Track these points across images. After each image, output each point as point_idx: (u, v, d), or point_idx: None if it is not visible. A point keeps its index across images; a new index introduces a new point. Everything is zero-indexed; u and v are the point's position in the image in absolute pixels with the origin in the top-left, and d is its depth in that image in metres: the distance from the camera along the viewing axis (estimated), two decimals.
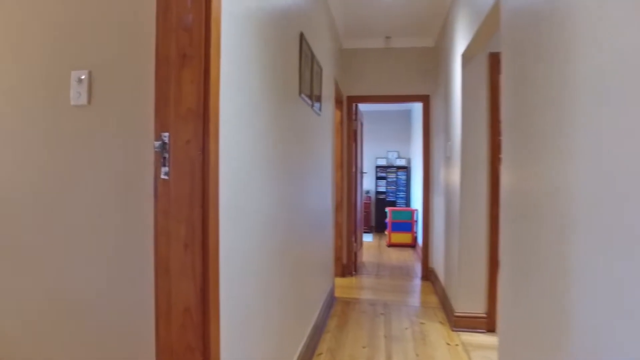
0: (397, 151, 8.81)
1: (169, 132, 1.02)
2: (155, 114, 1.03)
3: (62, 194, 1.24)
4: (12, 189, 1.30)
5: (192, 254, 1.01)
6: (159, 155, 1.03)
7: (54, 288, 1.25)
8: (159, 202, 1.02)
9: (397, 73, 4.71)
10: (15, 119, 1.29)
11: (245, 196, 1.32)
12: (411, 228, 6.82)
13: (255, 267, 1.44)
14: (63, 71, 1.23)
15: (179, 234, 1.01)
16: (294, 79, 2.11)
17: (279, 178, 1.78)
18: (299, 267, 2.25)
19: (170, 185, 1.02)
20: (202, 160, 1.00)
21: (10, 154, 1.30)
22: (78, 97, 1.21)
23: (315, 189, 2.87)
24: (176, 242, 1.02)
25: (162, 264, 1.02)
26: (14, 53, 1.28)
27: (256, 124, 1.44)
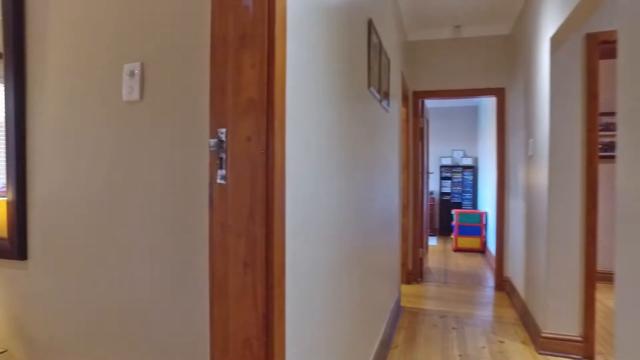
0: (462, 150, 8.28)
1: (226, 127, 0.86)
2: (211, 106, 0.87)
3: (112, 201, 1.13)
4: (63, 193, 1.22)
5: (253, 274, 0.84)
6: (215, 156, 0.87)
7: (99, 298, 1.15)
8: (214, 211, 0.86)
9: (467, 65, 4.32)
10: (69, 120, 1.20)
11: (314, 203, 1.14)
12: (480, 232, 6.33)
13: (322, 282, 1.25)
14: (116, 65, 1.12)
15: (237, 250, 0.84)
16: (362, 70, 1.90)
17: (348, 180, 1.58)
18: (367, 277, 2.04)
19: (228, 191, 0.85)
20: (265, 161, 0.83)
21: (63, 155, 1.22)
22: (130, 93, 1.09)
23: (384, 191, 2.64)
24: (234, 259, 0.85)
25: (218, 286, 0.85)
26: (71, 48, 1.20)
27: (324, 119, 1.25)
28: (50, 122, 1.25)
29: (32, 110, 1.28)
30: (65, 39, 1.21)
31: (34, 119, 1.28)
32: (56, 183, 1.25)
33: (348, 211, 1.60)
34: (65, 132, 1.22)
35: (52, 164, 1.25)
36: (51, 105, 1.25)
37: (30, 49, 1.27)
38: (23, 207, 1.29)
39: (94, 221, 1.17)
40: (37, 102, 1.27)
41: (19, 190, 1.28)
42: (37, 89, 1.27)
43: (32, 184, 1.29)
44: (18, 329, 1.33)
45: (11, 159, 1.28)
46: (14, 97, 1.27)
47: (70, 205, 1.22)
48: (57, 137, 1.24)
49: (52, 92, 1.24)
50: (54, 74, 1.24)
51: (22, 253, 1.29)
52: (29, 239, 1.30)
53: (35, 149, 1.28)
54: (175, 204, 1.04)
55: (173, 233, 1.04)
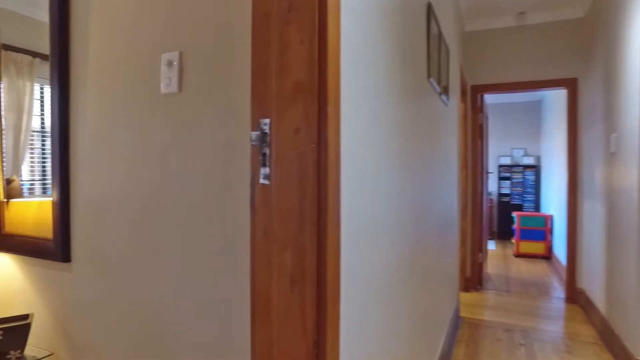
0: (523, 148, 7.71)
1: (270, 117, 0.72)
2: (252, 92, 0.74)
3: (151, 203, 1.04)
4: (103, 194, 1.16)
5: (301, 293, 0.70)
6: (257, 151, 0.74)
7: (140, 304, 1.07)
8: (256, 216, 0.73)
9: (533, 55, 3.95)
10: (109, 119, 1.14)
11: (372, 207, 0.98)
12: (545, 237, 5.82)
13: (380, 298, 1.09)
14: (155, 56, 1.03)
15: (283, 263, 0.71)
16: (421, 59, 1.71)
17: (407, 181, 1.40)
18: (426, 286, 1.84)
19: (272, 193, 0.72)
20: (316, 157, 0.68)
21: (103, 155, 1.16)
22: (168, 84, 0.99)
23: (443, 192, 2.42)
24: (280, 275, 0.71)
25: (261, 305, 0.72)
26: (111, 44, 1.13)
27: (383, 111, 1.09)
28: (91, 122, 1.20)
29: (75, 110, 1.24)
30: (106, 35, 1.14)
31: (76, 119, 1.23)
32: (96, 184, 1.18)
33: (407, 215, 1.42)
34: (105, 131, 1.15)
35: (92, 164, 1.19)
36: (92, 104, 1.19)
37: (74, 50, 1.23)
38: (66, 208, 1.25)
39: (132, 223, 1.09)
40: (80, 102, 1.22)
41: (62, 191, 1.24)
42: (80, 89, 1.22)
43: (75, 185, 1.24)
44: (63, 332, 1.29)
45: (56, 159, 1.24)
46: (58, 99, 1.23)
47: (109, 206, 1.15)
48: (98, 136, 1.18)
49: (93, 91, 1.18)
50: (95, 72, 1.18)
51: (65, 255, 1.25)
52: (72, 241, 1.25)
53: (77, 149, 1.23)
54: (215, 206, 0.92)
55: (212, 238, 0.93)
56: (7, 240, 1.42)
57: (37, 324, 1.36)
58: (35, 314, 1.36)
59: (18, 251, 1.37)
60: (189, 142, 0.97)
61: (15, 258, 1.43)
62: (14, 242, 1.39)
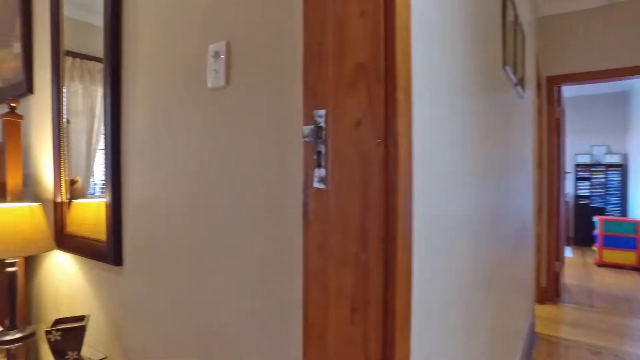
0: (606, 145, 6.94)
1: (325, 108, 0.60)
2: (305, 79, 0.62)
3: (197, 207, 0.96)
4: (150, 197, 1.11)
5: (364, 323, 0.56)
6: (311, 149, 0.61)
7: (189, 311, 0.99)
8: (309, 227, 0.61)
9: (622, 39, 3.47)
10: (155, 118, 1.08)
11: (447, 216, 0.82)
12: (635, 245, 5.16)
13: (455, 322, 0.92)
14: (201, 49, 0.95)
15: (342, 285, 0.58)
16: (495, 45, 1.50)
17: (483, 184, 1.22)
18: (502, 302, 1.62)
19: (329, 199, 0.59)
20: (383, 155, 0.55)
21: (150, 156, 1.10)
22: (215, 77, 0.91)
23: (517, 194, 2.16)
24: (338, 299, 0.58)
25: (315, 336, 0.60)
26: (159, 39, 1.07)
27: (458, 103, 0.92)
28: (140, 123, 1.15)
29: (126, 111, 1.20)
30: (153, 31, 1.09)
31: (127, 121, 1.20)
32: (144, 186, 1.14)
33: (483, 224, 1.23)
34: (152, 131, 1.10)
35: (140, 165, 1.15)
36: (141, 104, 1.14)
37: (126, 52, 1.19)
38: (118, 211, 1.22)
39: (180, 228, 1.02)
40: (130, 103, 1.18)
41: (114, 192, 1.21)
42: (130, 91, 1.18)
43: (126, 187, 1.21)
44: (117, 335, 1.27)
45: (108, 160, 1.21)
46: (111, 102, 1.20)
47: (157, 209, 1.09)
48: (146, 137, 1.13)
49: (141, 91, 1.14)
50: (143, 72, 1.13)
51: (117, 259, 1.22)
52: (123, 244, 1.22)
53: (128, 150, 1.20)
54: (265, 211, 0.82)
55: (262, 246, 0.82)
56: (68, 241, 1.43)
57: (93, 326, 1.36)
58: (91, 315, 1.36)
59: (77, 252, 1.38)
60: (237, 140, 0.88)
61: (75, 258, 1.44)
62: (74, 243, 1.40)
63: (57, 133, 1.45)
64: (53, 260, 1.56)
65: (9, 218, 1.26)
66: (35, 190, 1.65)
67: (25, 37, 1.66)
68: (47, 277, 1.60)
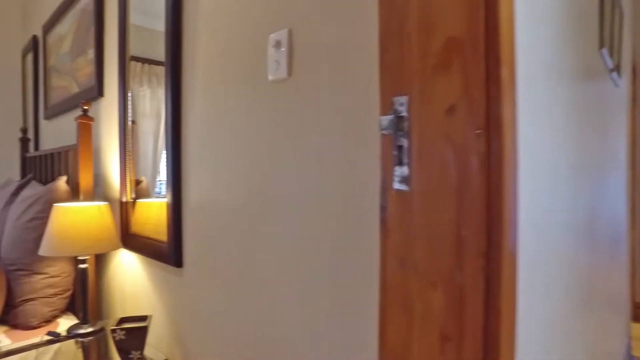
0: None
1: (408, 93, 0.50)
2: (381, 61, 0.53)
3: (259, 209, 0.90)
4: (210, 198, 1.07)
5: (457, 356, 0.46)
6: (389, 144, 0.52)
7: (248, 319, 0.93)
8: (388, 237, 0.51)
9: None
10: (214, 116, 1.04)
11: (549, 222, 0.68)
12: None
13: (552, 347, 0.78)
14: (260, 38, 0.89)
15: (430, 309, 0.47)
16: (592, 23, 1.30)
17: (581, 183, 1.04)
18: (599, 318, 1.41)
19: (413, 203, 0.49)
20: (484, 148, 0.44)
21: (210, 156, 1.06)
22: (276, 69, 0.84)
23: (612, 195, 1.90)
24: (424, 326, 0.48)
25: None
26: (217, 33, 1.03)
27: (559, 83, 0.78)
28: (199, 122, 1.12)
29: (186, 112, 1.18)
30: (213, 28, 1.05)
31: (186, 122, 1.17)
32: (204, 186, 1.10)
33: (582, 231, 1.06)
34: (211, 131, 1.06)
35: (200, 166, 1.11)
36: (200, 104, 1.11)
37: (186, 53, 1.17)
38: (179, 211, 1.20)
39: (241, 231, 0.97)
40: (190, 103, 1.16)
41: (175, 193, 1.19)
42: (189, 91, 1.16)
43: (186, 187, 1.18)
44: (177, 337, 1.25)
45: (169, 161, 1.20)
46: (171, 102, 1.19)
47: (217, 211, 1.05)
48: (205, 137, 1.09)
49: (201, 90, 1.10)
50: (203, 71, 1.09)
51: (178, 260, 1.20)
52: (184, 246, 1.20)
53: (187, 150, 1.17)
54: (334, 215, 0.73)
55: (329, 255, 0.74)
56: (132, 240, 1.45)
57: (155, 326, 1.36)
58: (153, 315, 1.36)
59: (141, 251, 1.39)
60: (301, 136, 0.80)
61: (139, 257, 1.45)
62: (138, 243, 1.41)
63: (123, 134, 1.48)
64: (120, 258, 1.60)
65: (80, 217, 1.29)
66: (104, 190, 1.70)
67: (98, 43, 1.73)
68: (115, 275, 1.65)
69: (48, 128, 2.52)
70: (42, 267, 1.55)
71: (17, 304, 1.52)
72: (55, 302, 1.58)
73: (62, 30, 2.19)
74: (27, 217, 1.59)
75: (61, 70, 2.20)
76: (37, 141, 2.71)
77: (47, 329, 1.51)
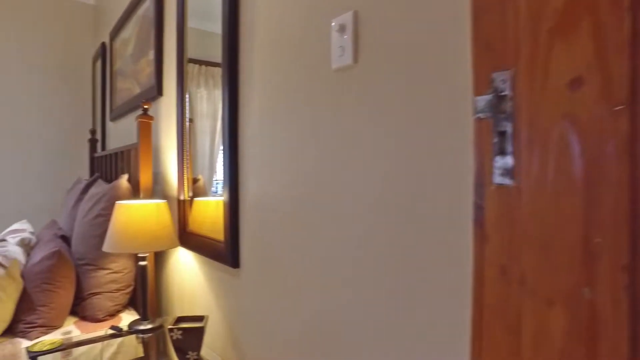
0: None
1: (513, 67, 0.41)
2: (474, 27, 0.44)
3: (320, 209, 0.83)
4: (267, 197, 1.02)
5: None
6: (487, 129, 0.43)
7: (308, 326, 0.87)
8: (486, 241, 0.42)
9: None
10: (271, 112, 0.99)
11: None
12: None
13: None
14: (322, 23, 0.83)
15: (546, 332, 0.38)
16: None
17: None
18: None
19: (521, 202, 0.40)
20: (627, 131, 0.34)
21: (268, 152, 1.02)
22: (341, 56, 0.77)
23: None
24: (538, 352, 0.38)
25: None
26: (267, 22, 0.98)
27: None
28: (256, 119, 1.07)
29: (243, 110, 1.14)
30: (270, 21, 1.00)
31: (243, 120, 1.14)
32: (262, 185, 1.06)
33: None
34: (270, 127, 1.01)
35: (258, 163, 1.07)
36: (257, 101, 1.07)
37: (243, 52, 1.14)
38: (236, 211, 1.16)
39: (303, 232, 0.91)
40: (247, 101, 1.12)
41: (232, 191, 1.16)
42: (246, 89, 1.12)
43: (243, 186, 1.15)
44: (233, 340, 1.22)
45: (226, 159, 1.17)
46: (228, 101, 1.16)
47: (277, 211, 1.00)
48: (263, 134, 1.04)
49: (258, 86, 1.06)
50: (260, 68, 1.05)
51: (235, 260, 1.17)
52: (241, 246, 1.16)
53: (244, 148, 1.13)
54: (409, 213, 0.65)
55: (401, 258, 0.66)
56: (190, 238, 1.45)
57: (211, 326, 1.34)
58: (209, 316, 1.35)
59: (198, 250, 1.38)
60: (371, 128, 0.72)
61: (196, 256, 1.45)
62: (195, 241, 1.40)
63: (181, 133, 1.49)
64: (177, 257, 1.61)
65: (139, 214, 1.30)
66: (163, 188, 1.73)
67: (157, 45, 1.76)
68: (172, 274, 1.66)
69: (113, 129, 2.64)
70: (106, 262, 1.59)
71: (85, 296, 1.57)
72: (118, 297, 1.62)
73: (126, 35, 2.28)
74: (93, 214, 1.65)
75: (125, 73, 2.29)
76: (104, 142, 2.86)
77: (111, 323, 1.55)
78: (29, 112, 2.87)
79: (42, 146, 2.91)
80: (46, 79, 2.94)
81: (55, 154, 2.96)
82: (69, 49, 3.04)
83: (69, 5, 3.05)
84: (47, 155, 2.93)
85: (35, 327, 1.42)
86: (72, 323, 1.54)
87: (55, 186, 2.94)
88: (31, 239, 1.80)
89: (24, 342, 1.38)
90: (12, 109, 2.82)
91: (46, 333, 1.44)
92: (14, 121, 2.82)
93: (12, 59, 2.82)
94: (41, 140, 2.91)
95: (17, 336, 1.41)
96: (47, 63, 2.95)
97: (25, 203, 2.83)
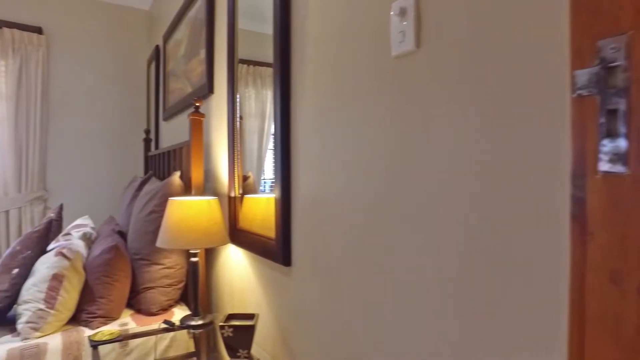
0: None
1: (628, 31, 0.34)
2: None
3: (378, 209, 0.78)
4: (321, 194, 0.98)
5: None
6: (592, 108, 0.36)
7: (354, 323, 0.82)
8: (590, 239, 0.36)
9: None
10: (327, 107, 0.95)
11: None
12: None
13: None
14: (381, 9, 0.78)
15: None
16: None
17: None
18: None
19: (636, 192, 0.33)
20: None
21: (322, 148, 0.98)
22: (401, 42, 0.71)
23: None
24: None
25: None
26: (329, 20, 0.94)
27: None
28: (309, 116, 1.04)
29: (295, 107, 1.12)
30: (324, 11, 0.96)
31: (296, 116, 1.11)
32: (315, 182, 1.02)
33: None
34: (323, 123, 0.98)
35: (311, 160, 1.04)
36: (310, 97, 1.03)
37: (294, 48, 1.11)
38: (288, 207, 1.14)
39: (360, 232, 0.86)
40: (299, 98, 1.09)
41: (284, 188, 1.14)
42: (299, 85, 1.09)
43: (296, 182, 1.12)
44: (283, 339, 1.20)
45: (278, 156, 1.15)
46: (280, 98, 1.14)
47: (329, 207, 0.96)
48: (316, 129, 1.01)
49: (311, 81, 1.03)
50: (313, 63, 1.01)
51: (286, 258, 1.14)
52: (293, 244, 1.14)
53: (297, 145, 1.11)
54: (484, 209, 0.59)
55: (472, 263, 0.59)
56: (240, 236, 1.45)
57: (261, 324, 1.33)
58: (260, 314, 1.34)
59: (249, 247, 1.37)
60: (438, 119, 0.67)
61: (247, 254, 1.44)
62: (245, 238, 1.40)
63: (232, 131, 1.49)
64: (228, 254, 1.62)
65: (191, 210, 1.32)
66: (214, 186, 1.75)
67: (209, 44, 1.79)
68: (223, 270, 1.68)
69: (166, 129, 2.73)
70: (160, 258, 1.63)
71: (140, 290, 1.62)
72: (171, 292, 1.65)
73: (178, 36, 2.34)
74: (147, 210, 1.70)
75: (177, 74, 2.35)
76: (157, 141, 2.97)
77: (164, 317, 1.59)
78: (95, 116, 3.06)
79: (104, 148, 3.08)
80: (108, 85, 3.11)
81: (114, 154, 3.12)
82: (128, 55, 3.20)
83: (127, 13, 3.20)
84: (107, 156, 3.09)
85: (96, 317, 1.49)
86: (129, 315, 1.60)
87: (114, 184, 3.10)
88: (92, 233, 1.89)
89: (86, 331, 1.44)
90: (82, 114, 3.02)
91: (105, 323, 1.50)
92: (83, 126, 3.02)
93: (85, 69, 3.02)
94: (104, 142, 3.08)
95: (81, 325, 1.48)
96: (109, 70, 3.12)
97: (88, 200, 3.01)
